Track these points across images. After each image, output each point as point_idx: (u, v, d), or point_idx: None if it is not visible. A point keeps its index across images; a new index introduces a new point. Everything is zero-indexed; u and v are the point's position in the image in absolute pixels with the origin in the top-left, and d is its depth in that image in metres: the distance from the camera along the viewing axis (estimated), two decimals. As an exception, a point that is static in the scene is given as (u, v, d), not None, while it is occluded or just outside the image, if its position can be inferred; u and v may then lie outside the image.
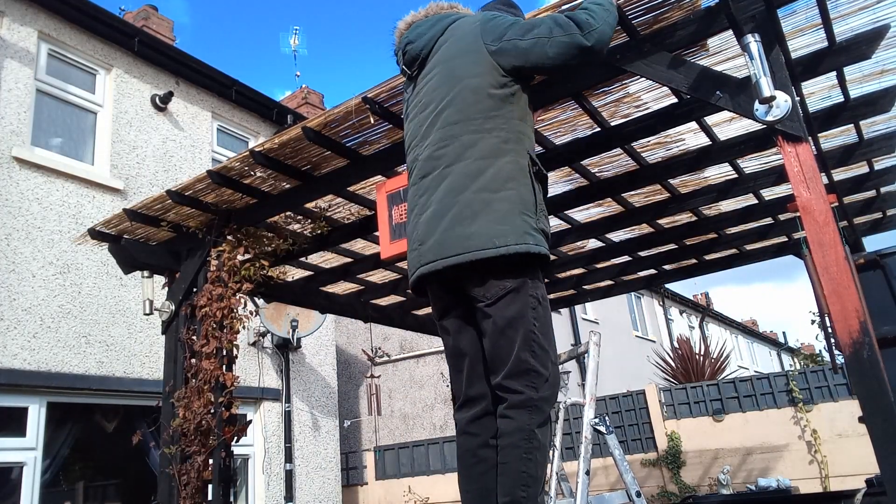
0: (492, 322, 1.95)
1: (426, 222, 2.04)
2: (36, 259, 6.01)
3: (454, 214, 1.97)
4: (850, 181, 4.15)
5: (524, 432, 1.89)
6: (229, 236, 3.96)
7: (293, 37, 12.68)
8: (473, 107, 2.05)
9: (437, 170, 2.06)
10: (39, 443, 5.75)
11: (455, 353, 2.12)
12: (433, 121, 2.12)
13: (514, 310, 1.93)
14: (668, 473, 9.21)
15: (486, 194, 1.96)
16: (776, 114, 2.14)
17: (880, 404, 1.90)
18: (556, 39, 1.99)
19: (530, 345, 1.93)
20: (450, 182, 2.01)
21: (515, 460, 1.89)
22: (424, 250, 2.03)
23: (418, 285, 2.13)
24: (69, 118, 6.83)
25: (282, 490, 7.81)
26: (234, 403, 3.78)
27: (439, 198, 2.02)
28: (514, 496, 1.87)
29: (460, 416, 2.11)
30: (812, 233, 2.03)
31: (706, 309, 23.00)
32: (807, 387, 8.67)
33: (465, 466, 2.06)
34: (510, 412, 1.92)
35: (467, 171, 1.99)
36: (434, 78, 2.17)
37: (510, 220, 1.94)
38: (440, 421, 11.37)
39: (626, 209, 4.34)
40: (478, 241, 1.91)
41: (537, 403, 1.92)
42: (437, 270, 1.98)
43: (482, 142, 2.01)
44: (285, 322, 7.96)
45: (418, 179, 2.14)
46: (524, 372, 1.92)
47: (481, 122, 2.03)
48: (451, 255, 1.94)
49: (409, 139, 2.26)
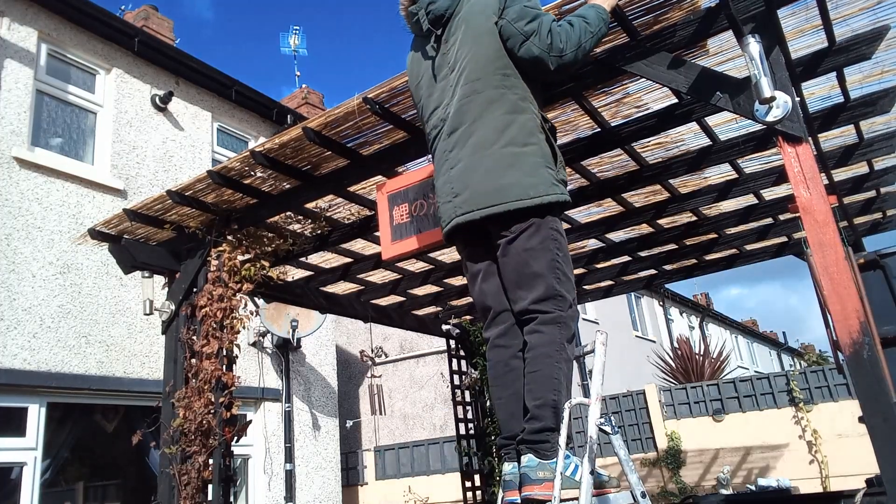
0: (516, 253, 2.12)
1: (459, 176, 2.19)
2: (36, 259, 6.01)
3: (487, 168, 2.12)
4: (850, 181, 4.15)
5: (555, 344, 2.06)
6: (229, 236, 3.96)
7: (293, 37, 12.69)
8: (492, 64, 2.19)
9: (464, 125, 2.20)
10: (39, 443, 5.75)
11: (482, 292, 2.29)
12: (458, 78, 2.24)
13: (536, 240, 2.11)
14: (668, 473, 9.21)
15: (514, 148, 2.12)
16: (776, 114, 2.14)
17: (880, 404, 1.90)
18: (533, 45, 2.13)
19: (555, 272, 2.11)
20: (478, 137, 2.16)
21: (547, 367, 2.04)
22: (460, 202, 2.18)
23: (453, 235, 2.28)
24: (69, 118, 6.83)
25: (282, 490, 7.81)
26: (234, 403, 3.78)
27: (469, 152, 2.17)
28: (546, 399, 2.01)
29: (491, 332, 2.28)
30: (812, 233, 2.03)
31: (706, 309, 22.99)
32: (807, 387, 8.68)
33: (499, 375, 2.22)
34: (541, 327, 2.08)
35: (494, 126, 2.14)
36: (459, 36, 2.27)
37: (539, 173, 2.13)
38: (440, 421, 11.37)
39: (626, 209, 4.34)
40: (514, 192, 2.09)
41: (565, 320, 2.09)
42: (472, 220, 2.14)
43: (503, 98, 2.17)
44: (285, 322, 7.96)
45: (446, 136, 2.26)
46: (552, 297, 2.08)
47: (500, 79, 2.18)
48: (490, 205, 2.10)
49: (438, 98, 2.34)
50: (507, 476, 2.10)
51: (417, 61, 2.46)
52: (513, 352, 2.19)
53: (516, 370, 2.16)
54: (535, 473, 1.97)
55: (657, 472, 9.30)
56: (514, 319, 2.21)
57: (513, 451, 2.12)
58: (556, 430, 1.97)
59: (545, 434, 2.00)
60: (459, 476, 6.31)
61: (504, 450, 2.16)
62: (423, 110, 2.45)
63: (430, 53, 2.38)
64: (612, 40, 2.67)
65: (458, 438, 6.32)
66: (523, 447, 2.05)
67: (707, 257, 5.38)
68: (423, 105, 2.43)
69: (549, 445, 1.99)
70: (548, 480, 1.93)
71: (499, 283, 2.24)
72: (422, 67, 2.43)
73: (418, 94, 2.48)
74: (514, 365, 2.17)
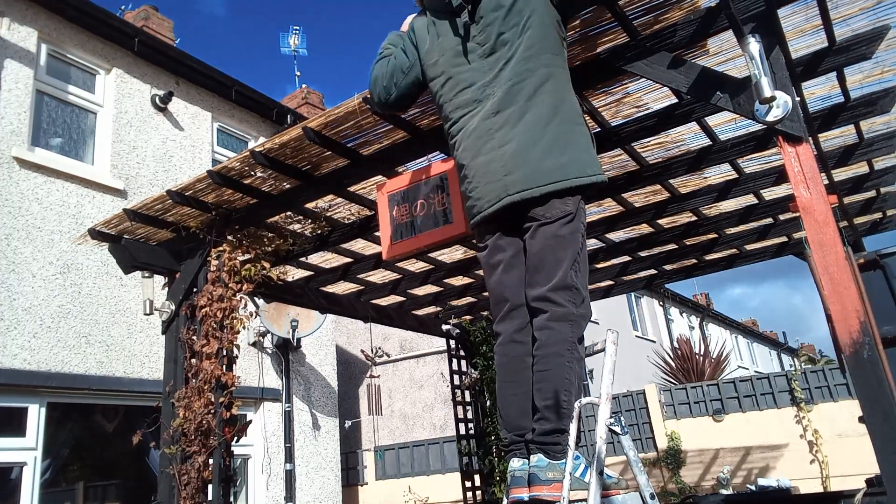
0: (546, 237, 2.13)
1: (513, 155, 2.14)
2: (36, 259, 6.01)
3: (545, 145, 2.12)
4: (850, 181, 4.15)
5: (567, 343, 2.05)
6: (230, 236, 3.96)
7: (293, 36, 12.68)
8: (542, 42, 2.20)
9: (517, 104, 2.16)
10: (39, 443, 5.75)
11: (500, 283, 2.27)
12: (504, 59, 2.21)
13: (568, 230, 2.12)
14: (668, 473, 9.21)
15: (569, 125, 2.16)
16: (776, 114, 2.14)
17: (880, 404, 1.90)
18: None
19: (576, 265, 2.12)
20: (533, 115, 2.14)
21: (558, 367, 2.04)
22: (513, 180, 2.14)
23: (492, 219, 2.24)
24: (69, 118, 6.83)
25: (282, 490, 7.81)
26: (234, 403, 3.78)
27: (523, 129, 2.14)
28: (557, 399, 2.00)
29: (505, 327, 2.25)
30: (812, 233, 2.03)
31: (706, 309, 22.99)
32: (807, 387, 8.68)
33: (513, 371, 2.21)
34: (552, 324, 2.08)
35: (550, 102, 2.15)
36: (501, 15, 2.23)
37: (590, 151, 2.19)
38: (440, 421, 11.37)
39: (626, 209, 4.34)
40: (574, 169, 2.11)
41: (576, 318, 2.09)
42: (532, 198, 2.12)
43: (554, 77, 2.19)
44: (285, 322, 7.96)
45: (491, 115, 2.20)
46: (568, 287, 2.09)
47: (550, 58, 2.20)
48: (551, 181, 2.09)
49: (470, 78, 2.27)
50: (517, 472, 2.08)
51: (434, 34, 2.37)
52: (528, 349, 2.18)
53: (530, 368, 2.16)
54: (545, 474, 1.96)
55: (657, 472, 9.30)
56: (527, 315, 2.20)
57: (523, 448, 2.11)
58: (566, 430, 1.96)
59: (555, 436, 2.00)
60: (459, 476, 6.31)
61: (514, 445, 2.15)
62: (440, 86, 2.36)
63: (459, 31, 2.30)
64: (613, 40, 2.67)
65: (458, 438, 6.32)
66: (534, 447, 2.05)
67: (707, 257, 5.38)
68: (443, 81, 2.34)
69: (560, 447, 1.98)
70: (557, 481, 1.92)
71: (520, 276, 2.22)
72: (443, 42, 2.33)
73: (430, 64, 2.38)
74: (529, 362, 2.18)
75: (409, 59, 2.46)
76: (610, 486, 2.02)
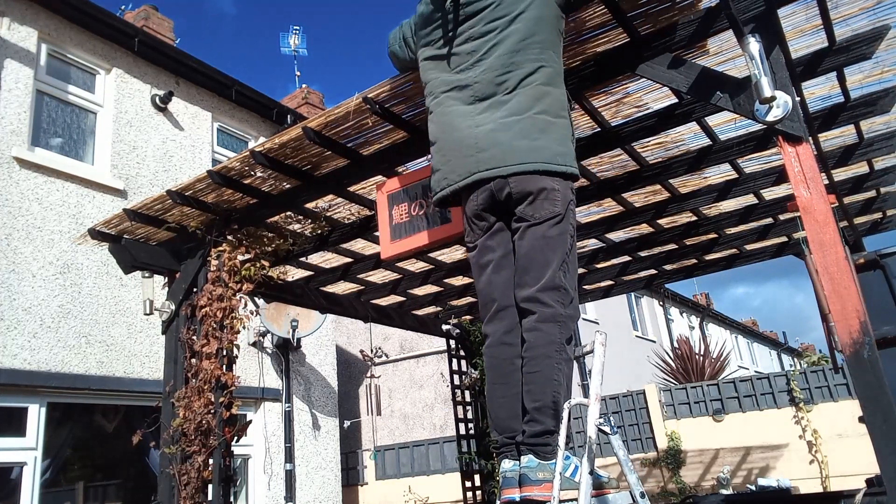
0: (534, 238, 2.14)
1: (487, 134, 2.18)
2: (36, 259, 6.01)
3: (521, 129, 2.14)
4: (850, 181, 4.15)
5: (555, 344, 2.07)
6: (230, 236, 3.95)
7: (293, 36, 12.68)
8: (535, 35, 2.22)
9: (499, 94, 2.21)
10: (39, 443, 5.75)
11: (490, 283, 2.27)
12: (488, 49, 2.25)
13: (557, 231, 2.14)
14: (668, 473, 9.21)
15: (548, 117, 2.17)
16: (776, 114, 2.14)
17: (880, 404, 1.90)
18: None
19: (564, 266, 2.14)
20: (514, 104, 2.18)
21: (547, 369, 2.05)
22: (486, 157, 2.17)
23: (460, 194, 2.27)
24: (69, 118, 6.83)
25: (282, 490, 7.81)
26: (234, 403, 3.78)
27: (501, 115, 2.18)
28: (546, 401, 2.02)
29: (494, 328, 2.26)
30: (812, 233, 2.02)
31: (706, 309, 22.99)
32: (807, 387, 8.68)
33: (503, 374, 2.20)
34: (541, 325, 2.09)
35: (532, 94, 2.18)
36: (490, 5, 2.26)
37: (567, 144, 2.20)
38: (440, 421, 11.37)
39: (626, 209, 4.34)
40: (546, 154, 2.12)
41: (564, 319, 2.10)
42: (498, 176, 2.14)
43: (541, 71, 2.20)
44: (285, 322, 7.96)
45: (475, 99, 2.25)
46: (556, 287, 2.11)
47: (538, 53, 2.21)
48: (520, 162, 2.12)
49: (457, 61, 2.32)
50: (508, 473, 2.10)
51: (431, 12, 2.43)
52: (518, 351, 2.19)
53: (520, 370, 2.16)
54: (535, 474, 1.98)
55: (657, 472, 9.30)
56: (516, 316, 2.20)
57: (513, 449, 2.13)
58: (555, 432, 1.97)
59: (545, 437, 2.01)
60: (459, 476, 6.31)
61: (505, 447, 2.17)
62: (427, 60, 2.44)
63: (449, 9, 2.35)
64: (613, 40, 2.67)
65: (458, 438, 6.32)
66: (524, 448, 2.06)
67: (707, 257, 5.38)
68: (429, 55, 2.42)
69: (550, 448, 2.00)
70: (547, 481, 1.93)
71: (509, 277, 2.22)
72: (437, 19, 2.40)
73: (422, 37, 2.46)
74: (518, 364, 2.18)
75: (409, 32, 2.61)
76: (601, 486, 2.03)
